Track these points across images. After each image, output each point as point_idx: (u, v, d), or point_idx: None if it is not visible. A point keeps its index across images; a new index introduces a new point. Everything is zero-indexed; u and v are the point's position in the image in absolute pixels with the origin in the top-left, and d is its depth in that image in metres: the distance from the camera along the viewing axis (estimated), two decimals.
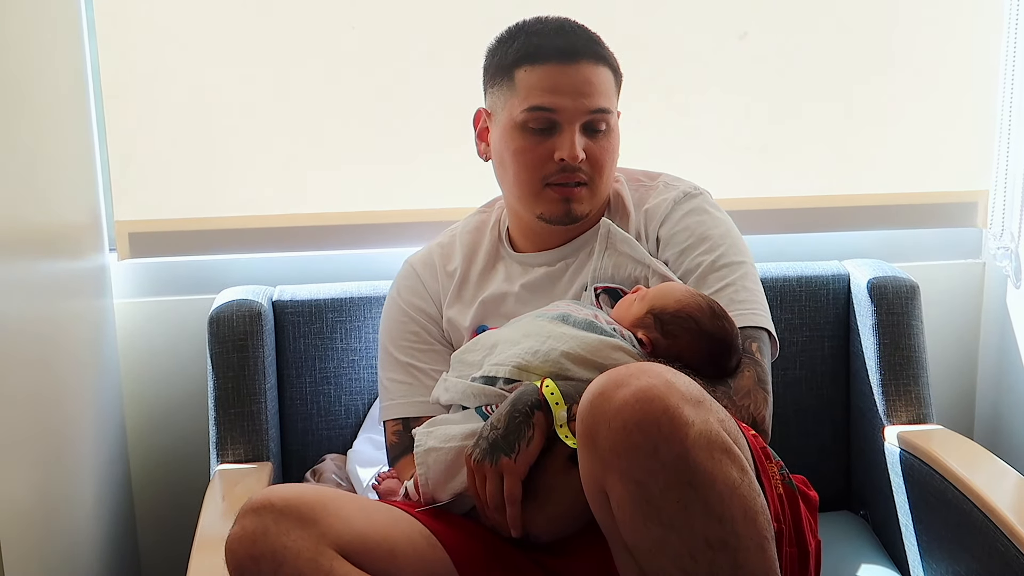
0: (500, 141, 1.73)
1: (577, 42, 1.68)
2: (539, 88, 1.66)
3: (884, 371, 2.03)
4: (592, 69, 1.67)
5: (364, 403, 2.10)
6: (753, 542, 1.27)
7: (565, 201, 1.70)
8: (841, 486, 2.17)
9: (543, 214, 1.73)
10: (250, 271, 2.21)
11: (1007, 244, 2.28)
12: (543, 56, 1.67)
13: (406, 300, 1.83)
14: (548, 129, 1.67)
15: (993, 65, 2.27)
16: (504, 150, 1.72)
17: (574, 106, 1.66)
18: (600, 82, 1.68)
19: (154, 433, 2.23)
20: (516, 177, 1.72)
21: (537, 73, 1.67)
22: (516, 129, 1.69)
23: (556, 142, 1.67)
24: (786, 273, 2.14)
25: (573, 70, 1.66)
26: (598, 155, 1.70)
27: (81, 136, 2.03)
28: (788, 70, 2.26)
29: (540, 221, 1.74)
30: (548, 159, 1.68)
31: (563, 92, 1.66)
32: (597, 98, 1.67)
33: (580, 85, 1.66)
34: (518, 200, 1.75)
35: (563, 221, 1.73)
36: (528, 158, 1.69)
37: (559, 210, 1.71)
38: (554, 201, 1.71)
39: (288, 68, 2.15)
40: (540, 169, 1.69)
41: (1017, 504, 1.65)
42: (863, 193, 2.32)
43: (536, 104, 1.66)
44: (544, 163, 1.68)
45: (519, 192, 1.73)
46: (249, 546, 1.34)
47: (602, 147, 1.70)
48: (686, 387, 1.29)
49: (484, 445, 1.47)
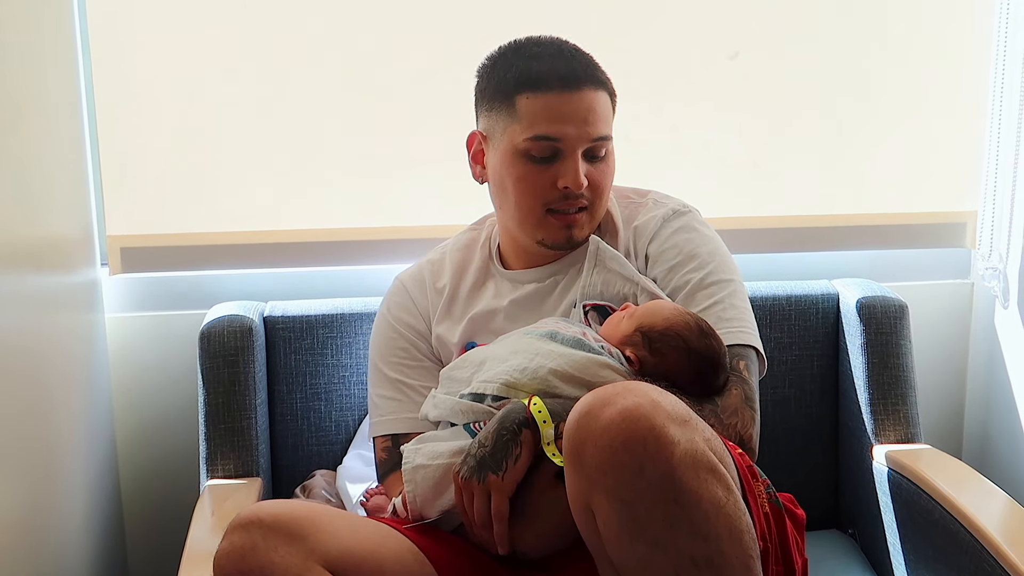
0: (500, 166, 1.72)
1: (578, 68, 1.67)
2: (543, 117, 1.66)
3: (872, 390, 2.03)
4: (593, 96, 1.67)
5: (354, 419, 2.10)
6: (739, 561, 1.27)
7: (567, 228, 1.71)
8: (829, 505, 2.17)
9: (544, 240, 1.73)
10: (241, 287, 2.21)
11: (995, 265, 2.28)
12: (545, 83, 1.66)
13: (395, 316, 1.83)
14: (550, 157, 1.67)
15: (982, 86, 2.29)
16: (505, 176, 1.71)
17: (578, 134, 1.66)
18: (601, 108, 1.68)
19: (144, 448, 2.23)
20: (517, 203, 1.72)
21: (540, 101, 1.66)
22: (518, 156, 1.69)
23: (559, 169, 1.67)
24: (775, 292, 2.15)
25: (576, 98, 1.66)
26: (598, 180, 1.70)
27: (74, 150, 2.03)
28: (778, 90, 2.27)
29: (540, 246, 1.75)
30: (551, 186, 1.68)
31: (567, 121, 1.65)
32: (599, 125, 1.67)
33: (584, 113, 1.66)
34: (518, 225, 1.75)
35: (564, 247, 1.75)
36: (530, 185, 1.69)
37: (561, 236, 1.72)
38: (556, 228, 1.71)
39: (281, 84, 2.16)
40: (543, 196, 1.69)
41: (1005, 525, 1.66)
42: (852, 213, 2.33)
43: (541, 133, 1.66)
44: (547, 190, 1.68)
45: (520, 217, 1.73)
46: (238, 561, 1.34)
47: (602, 172, 1.71)
48: (672, 406, 1.29)
49: (472, 463, 1.48)
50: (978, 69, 2.29)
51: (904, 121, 2.31)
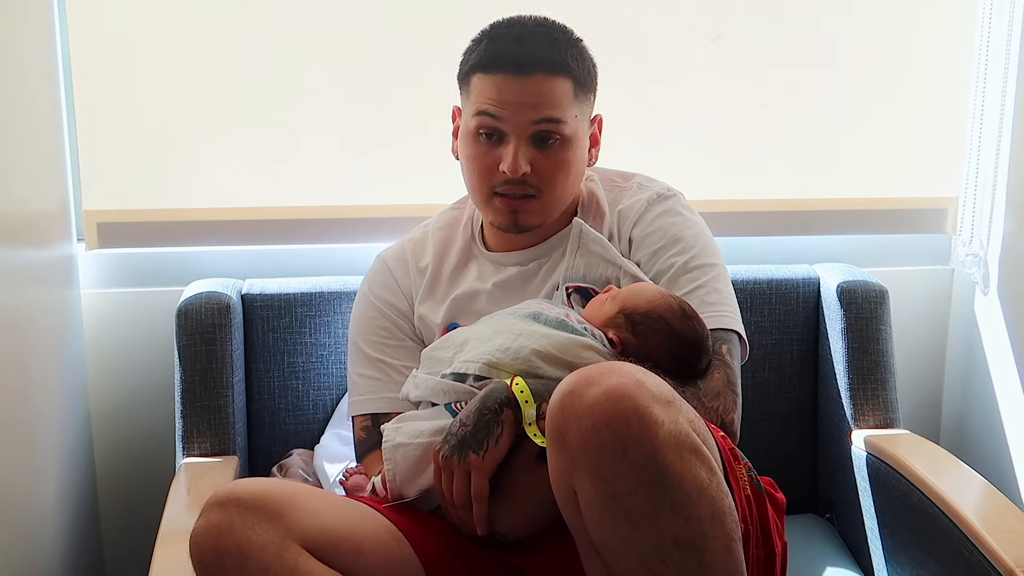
0: (461, 145, 1.74)
1: (534, 52, 1.65)
2: (486, 97, 1.66)
3: (852, 375, 2.04)
4: (544, 81, 1.65)
5: (332, 398, 2.09)
6: (720, 543, 1.27)
7: (512, 212, 1.71)
8: (807, 489, 2.17)
9: (493, 221, 1.74)
10: (219, 264, 2.19)
11: (976, 251, 2.29)
12: (495, 66, 1.66)
13: (377, 295, 1.82)
14: (496, 138, 1.67)
15: (965, 73, 2.29)
16: (462, 154, 1.73)
17: (519, 117, 1.65)
18: (551, 93, 1.65)
19: (119, 425, 2.21)
20: (470, 183, 1.74)
21: (488, 82, 1.66)
22: (470, 135, 1.70)
23: (501, 152, 1.67)
24: (756, 276, 2.15)
25: (523, 81, 1.64)
26: (547, 168, 1.68)
27: (50, 124, 2.00)
28: (761, 74, 2.26)
29: (493, 227, 1.76)
30: (494, 169, 1.68)
31: (509, 103, 1.65)
32: (545, 108, 1.65)
33: (527, 96, 1.64)
34: (475, 204, 1.77)
35: (511, 230, 1.74)
36: (478, 166, 1.70)
37: (507, 220, 1.72)
38: (501, 211, 1.71)
39: (261, 59, 2.13)
40: (488, 178, 1.69)
41: (982, 510, 1.67)
42: (834, 198, 2.33)
43: (482, 110, 1.66)
44: (491, 173, 1.69)
45: (474, 197, 1.75)
46: (214, 540, 1.33)
47: (555, 160, 1.68)
48: (656, 387, 1.28)
49: (453, 442, 1.47)
50: (960, 55, 2.29)
51: (886, 106, 2.31)
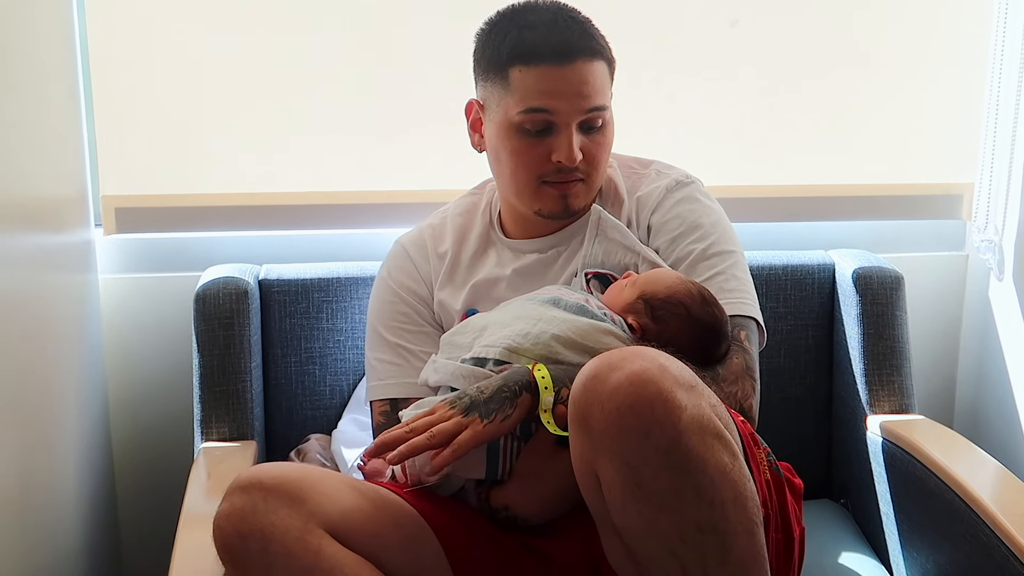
0: (496, 138, 1.71)
1: (572, 38, 1.64)
2: (535, 91, 1.64)
3: (868, 361, 2.04)
4: (588, 67, 1.64)
5: (349, 383, 2.10)
6: (742, 527, 1.27)
7: (563, 198, 1.70)
8: (822, 475, 2.18)
9: (541, 210, 1.73)
10: (236, 249, 2.19)
11: (991, 237, 2.29)
12: (538, 56, 1.63)
13: (397, 281, 1.82)
14: (544, 130, 1.66)
15: (981, 59, 2.29)
16: (500, 148, 1.70)
17: (571, 107, 1.64)
18: (596, 79, 1.65)
19: (137, 410, 2.22)
20: (513, 175, 1.71)
21: (533, 75, 1.64)
22: (512, 129, 1.67)
23: (553, 143, 1.66)
24: (772, 262, 2.15)
25: (569, 71, 1.63)
26: (595, 152, 1.69)
27: (68, 110, 2.01)
28: (778, 59, 2.26)
29: (537, 216, 1.74)
30: (545, 160, 1.67)
31: (560, 95, 1.63)
32: (594, 97, 1.65)
33: (577, 86, 1.64)
34: (515, 196, 1.74)
35: (561, 216, 1.74)
36: (524, 159, 1.68)
37: (557, 206, 1.71)
38: (552, 198, 1.70)
39: (279, 44, 2.13)
40: (537, 169, 1.68)
41: (999, 494, 1.67)
42: (849, 183, 2.33)
43: (533, 106, 1.64)
44: (542, 164, 1.67)
45: (516, 189, 1.72)
46: (237, 523, 1.34)
47: (598, 143, 1.69)
48: (679, 371, 1.29)
49: (466, 400, 1.47)
50: (977, 40, 2.29)
51: (902, 93, 2.31)
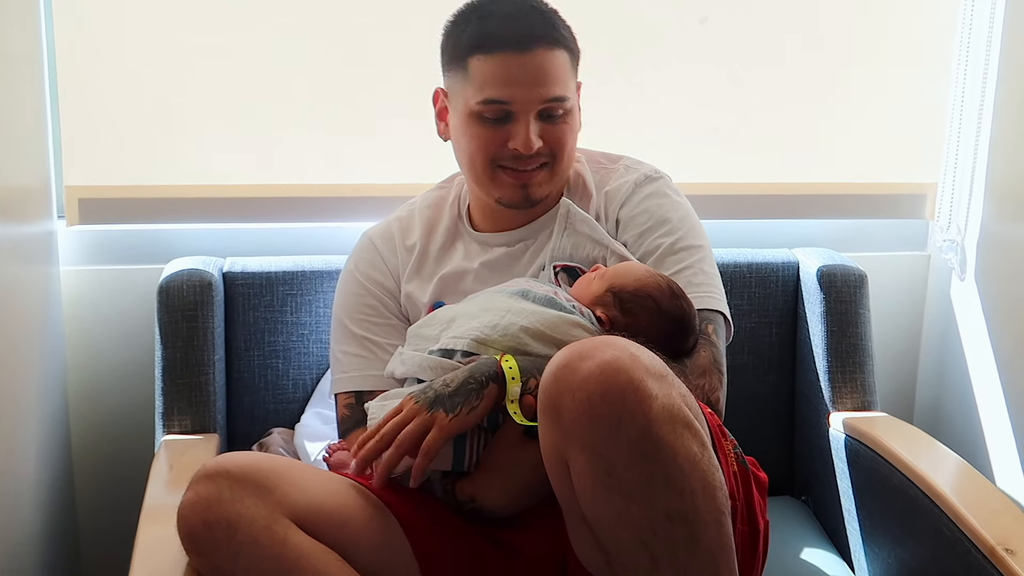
0: (458, 127, 1.72)
1: (532, 27, 1.65)
2: (492, 80, 1.64)
3: (831, 358, 2.05)
4: (547, 55, 1.65)
5: (313, 378, 2.08)
6: (711, 516, 1.28)
7: (523, 187, 1.71)
8: (784, 472, 2.19)
9: (501, 198, 1.73)
10: (201, 242, 2.17)
11: (953, 237, 2.31)
12: (496, 44, 1.64)
13: (364, 273, 1.82)
14: (503, 119, 1.66)
15: (945, 60, 2.30)
16: (461, 136, 1.71)
17: (528, 96, 1.64)
18: (556, 68, 1.66)
19: (97, 402, 2.19)
20: (471, 162, 1.72)
21: (491, 63, 1.64)
22: (472, 118, 1.68)
23: (511, 131, 1.66)
24: (736, 259, 2.16)
25: (527, 59, 1.64)
26: (557, 137, 1.69)
27: (32, 98, 1.98)
28: (745, 57, 2.27)
29: (499, 205, 1.74)
30: (502, 146, 1.67)
31: (517, 83, 1.64)
32: (553, 86, 1.65)
33: (535, 73, 1.64)
34: (476, 183, 1.75)
35: (522, 205, 1.73)
36: (482, 145, 1.69)
37: (517, 195, 1.72)
38: (511, 186, 1.71)
39: (244, 35, 2.12)
40: (492, 152, 1.68)
41: (962, 489, 1.68)
42: (814, 182, 2.34)
43: (490, 97, 1.65)
44: (498, 149, 1.68)
45: (475, 176, 1.73)
46: (203, 512, 1.33)
47: (561, 130, 1.69)
48: (650, 361, 1.29)
49: (430, 394, 1.47)
50: (942, 41, 2.31)
51: (867, 93, 2.32)
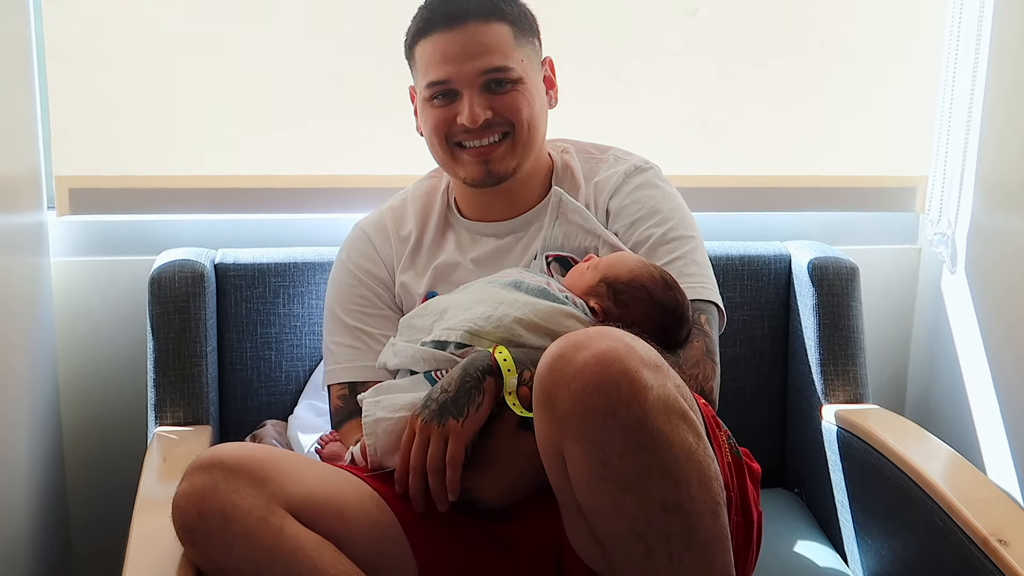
0: (421, 118, 1.75)
1: (464, 4, 1.67)
2: (431, 61, 1.68)
3: (823, 351, 2.05)
4: (480, 28, 1.66)
5: (305, 369, 2.08)
6: (707, 507, 1.28)
7: (484, 163, 1.71)
8: (776, 464, 2.19)
9: (466, 178, 1.73)
10: (192, 233, 2.17)
11: (944, 230, 2.32)
12: (431, 27, 1.68)
13: (356, 264, 1.81)
14: (448, 96, 1.69)
15: (936, 52, 2.31)
16: (424, 125, 1.74)
17: (464, 70, 1.66)
18: (491, 40, 1.67)
19: (88, 395, 2.18)
20: (433, 146, 1.74)
21: (428, 46, 1.68)
22: (426, 103, 1.72)
23: (457, 107, 1.68)
24: (728, 252, 2.16)
25: (459, 33, 1.66)
26: (507, 106, 1.69)
27: (22, 87, 1.97)
28: (735, 49, 2.27)
29: (467, 186, 1.74)
30: (452, 122, 1.69)
31: (452, 59, 1.66)
32: (488, 57, 1.66)
33: (468, 47, 1.66)
34: (444, 168, 1.77)
35: (485, 182, 1.73)
36: (434, 124, 1.71)
37: (479, 172, 1.72)
38: (471, 164, 1.71)
39: (236, 25, 2.11)
40: (444, 130, 1.70)
41: (955, 480, 1.69)
42: (805, 175, 2.34)
43: (431, 79, 1.68)
44: (449, 126, 1.70)
45: (440, 159, 1.75)
46: (198, 503, 1.32)
47: (512, 98, 1.69)
48: (645, 351, 1.29)
49: (433, 407, 1.46)
50: (932, 34, 2.31)
51: (858, 86, 2.33)
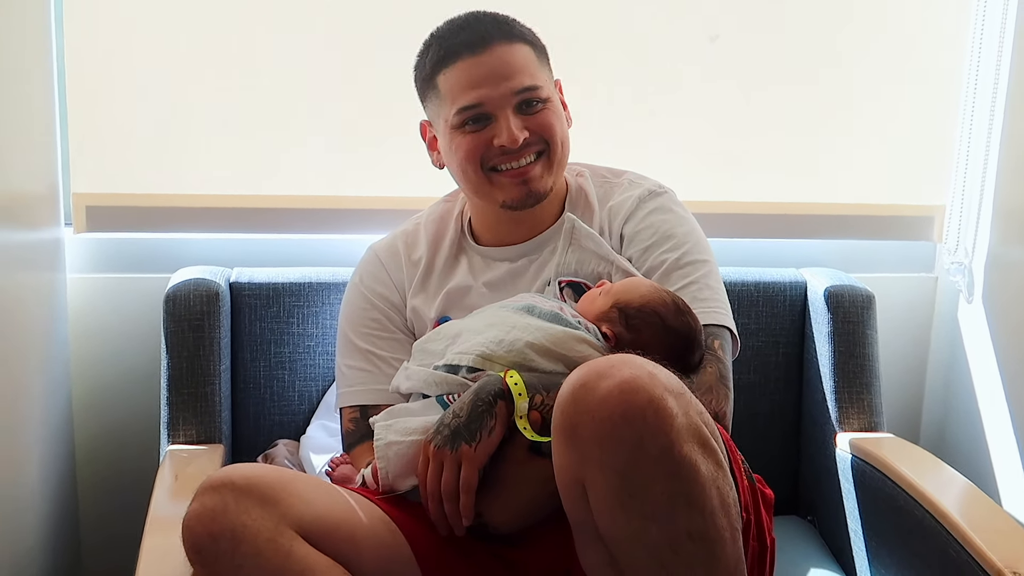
0: (447, 147, 1.72)
1: (484, 29, 1.67)
2: (459, 88, 1.66)
3: (838, 379, 2.04)
4: (506, 49, 1.66)
5: (318, 389, 2.08)
6: (729, 534, 1.27)
7: (523, 183, 1.70)
8: (789, 491, 2.18)
9: (505, 201, 1.72)
10: (207, 252, 2.17)
11: (961, 259, 2.31)
12: (454, 54, 1.66)
13: (368, 287, 1.81)
14: (482, 121, 1.67)
15: (955, 82, 2.30)
16: (452, 153, 1.72)
17: (498, 92, 1.65)
18: (518, 60, 1.67)
19: (101, 411, 2.19)
20: (465, 173, 1.72)
21: (454, 73, 1.66)
22: (455, 132, 1.69)
23: (493, 130, 1.67)
24: (744, 278, 2.15)
25: (486, 56, 1.65)
26: (542, 124, 1.69)
27: (42, 105, 1.98)
28: (754, 77, 2.27)
29: (505, 209, 1.73)
30: (488, 146, 1.68)
31: (483, 82, 1.65)
32: (521, 77, 1.67)
33: (499, 69, 1.66)
34: (477, 195, 1.74)
35: (526, 203, 1.72)
36: (468, 150, 1.69)
37: (519, 193, 1.71)
38: (510, 186, 1.70)
39: (255, 47, 2.12)
40: (480, 153, 1.68)
41: (970, 512, 1.67)
42: (822, 203, 2.34)
43: (462, 105, 1.66)
44: (485, 150, 1.68)
45: (473, 187, 1.73)
46: (208, 523, 1.31)
47: (544, 116, 1.69)
48: (667, 378, 1.28)
49: (446, 432, 1.46)
50: (951, 64, 2.31)
51: (877, 114, 2.32)
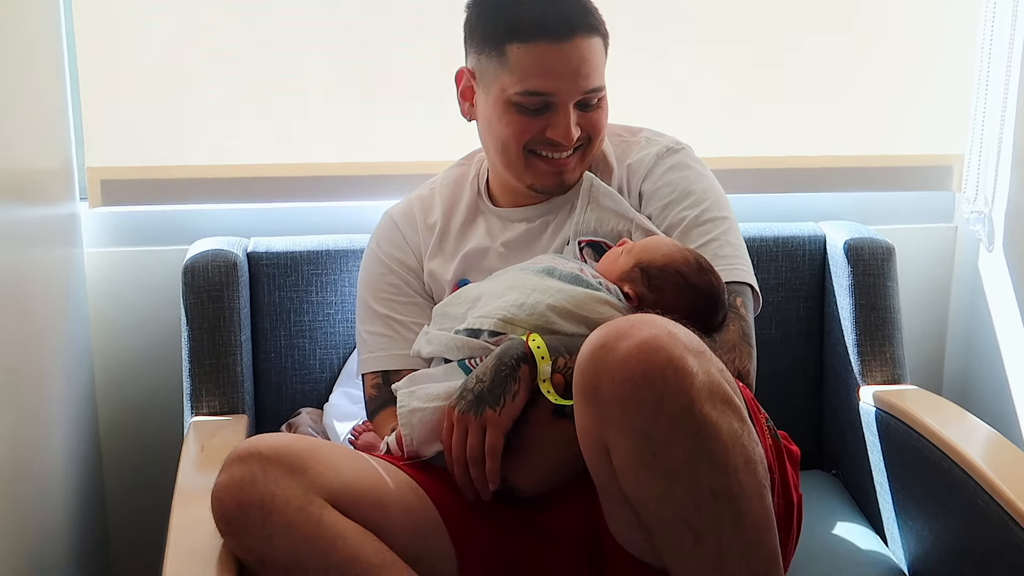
0: (491, 112, 1.68)
1: (569, 14, 1.62)
2: (533, 71, 1.62)
3: (860, 332, 2.03)
4: (587, 45, 1.63)
5: (339, 357, 2.08)
6: (754, 491, 1.27)
7: (557, 174, 1.70)
8: (813, 446, 2.18)
9: (534, 184, 1.72)
10: (224, 222, 2.16)
11: (980, 208, 2.29)
12: (535, 33, 1.61)
13: (386, 252, 1.81)
14: (542, 108, 1.65)
15: (971, 30, 2.28)
16: (495, 122, 1.68)
17: (570, 88, 1.63)
18: (594, 58, 1.64)
19: (124, 385, 2.19)
20: (503, 147, 1.69)
21: (531, 54, 1.61)
22: (509, 106, 1.65)
23: (549, 120, 1.65)
24: (762, 233, 2.14)
25: (568, 49, 1.61)
26: (592, 124, 1.69)
27: (53, 79, 1.97)
28: (769, 30, 2.25)
29: (530, 190, 1.73)
30: (539, 134, 1.66)
31: (559, 75, 1.62)
32: (593, 77, 1.64)
33: (577, 64, 1.62)
34: (505, 167, 1.73)
35: (554, 192, 1.74)
36: (517, 131, 1.66)
37: (551, 182, 1.71)
38: (545, 173, 1.70)
39: (268, 14, 2.10)
40: (527, 137, 1.67)
41: (996, 460, 1.66)
42: (839, 155, 2.32)
43: (532, 89, 1.62)
44: (534, 136, 1.66)
45: (506, 162, 1.71)
46: (237, 494, 1.32)
47: (596, 116, 1.69)
48: (687, 338, 1.28)
49: (470, 397, 1.46)
50: (968, 11, 2.28)
51: (893, 64, 2.30)
